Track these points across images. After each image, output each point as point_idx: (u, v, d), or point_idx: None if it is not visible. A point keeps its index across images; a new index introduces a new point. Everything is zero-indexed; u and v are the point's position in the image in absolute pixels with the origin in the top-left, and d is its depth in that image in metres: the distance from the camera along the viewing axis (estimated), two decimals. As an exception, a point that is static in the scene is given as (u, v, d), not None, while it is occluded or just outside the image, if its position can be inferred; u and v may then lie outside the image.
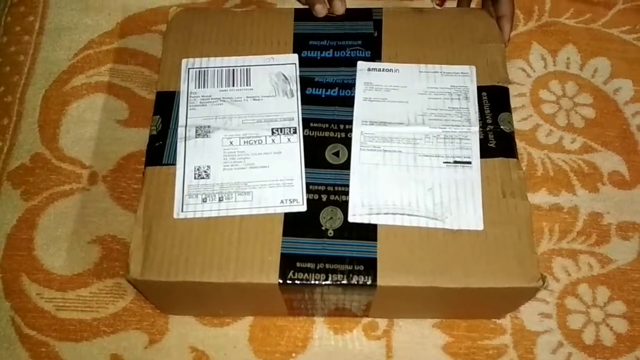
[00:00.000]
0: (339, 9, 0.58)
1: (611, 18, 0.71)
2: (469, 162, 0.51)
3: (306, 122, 0.53)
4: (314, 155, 0.52)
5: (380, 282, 0.47)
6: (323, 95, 0.55)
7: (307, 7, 0.59)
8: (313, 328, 0.56)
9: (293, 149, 0.52)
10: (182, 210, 0.50)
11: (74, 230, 0.60)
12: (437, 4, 0.66)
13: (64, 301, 0.57)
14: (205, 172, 0.51)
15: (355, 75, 0.55)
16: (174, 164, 0.52)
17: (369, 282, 0.47)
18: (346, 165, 0.51)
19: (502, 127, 0.53)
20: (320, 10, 0.58)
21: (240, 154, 0.52)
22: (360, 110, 0.54)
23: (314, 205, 0.50)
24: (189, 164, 0.52)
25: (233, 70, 0.55)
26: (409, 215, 0.49)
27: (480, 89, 0.54)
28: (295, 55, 0.56)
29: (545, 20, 0.71)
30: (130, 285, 0.51)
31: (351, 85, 0.55)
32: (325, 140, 0.53)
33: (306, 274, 0.48)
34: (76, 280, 0.58)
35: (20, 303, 0.57)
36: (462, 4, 0.65)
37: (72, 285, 0.58)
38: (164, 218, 0.50)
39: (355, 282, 0.47)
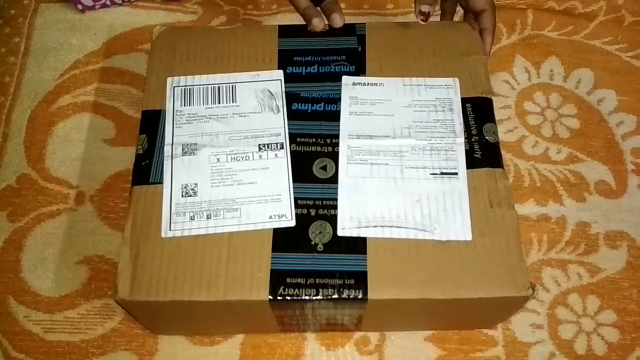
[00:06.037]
0: (338, 23, 0.58)
1: (593, 30, 0.72)
2: (456, 173, 0.52)
3: (293, 137, 0.53)
4: (301, 170, 0.52)
5: (371, 295, 0.47)
6: (309, 110, 0.55)
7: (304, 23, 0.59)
8: (305, 344, 0.56)
9: (280, 165, 0.52)
10: (170, 229, 0.50)
11: (62, 251, 0.60)
12: (422, 19, 0.67)
13: (51, 323, 0.57)
14: (192, 189, 0.51)
15: (340, 89, 0.56)
16: (161, 182, 0.51)
17: (359, 296, 0.47)
18: (334, 179, 0.52)
19: (487, 137, 0.53)
20: (318, 24, 0.58)
21: (227, 170, 0.52)
22: (347, 124, 0.54)
23: (303, 220, 0.50)
24: (176, 182, 0.51)
25: (218, 87, 0.56)
26: (397, 227, 0.49)
27: (464, 101, 0.55)
28: (280, 72, 0.56)
29: (527, 33, 0.72)
30: (119, 306, 0.50)
31: (337, 100, 0.55)
32: (313, 155, 0.53)
33: (297, 290, 0.47)
34: (64, 302, 0.58)
35: (7, 326, 0.57)
36: (445, 18, 0.66)
37: (60, 306, 0.57)
38: (152, 237, 0.49)
39: (346, 296, 0.47)
